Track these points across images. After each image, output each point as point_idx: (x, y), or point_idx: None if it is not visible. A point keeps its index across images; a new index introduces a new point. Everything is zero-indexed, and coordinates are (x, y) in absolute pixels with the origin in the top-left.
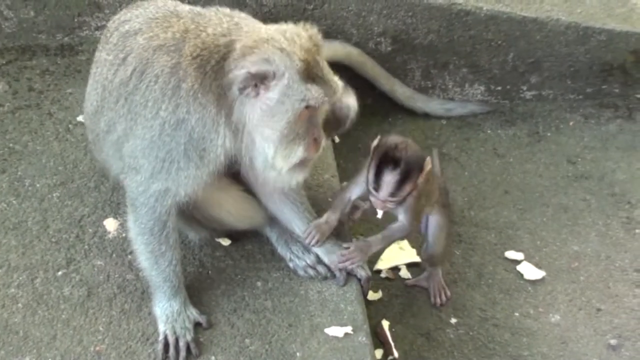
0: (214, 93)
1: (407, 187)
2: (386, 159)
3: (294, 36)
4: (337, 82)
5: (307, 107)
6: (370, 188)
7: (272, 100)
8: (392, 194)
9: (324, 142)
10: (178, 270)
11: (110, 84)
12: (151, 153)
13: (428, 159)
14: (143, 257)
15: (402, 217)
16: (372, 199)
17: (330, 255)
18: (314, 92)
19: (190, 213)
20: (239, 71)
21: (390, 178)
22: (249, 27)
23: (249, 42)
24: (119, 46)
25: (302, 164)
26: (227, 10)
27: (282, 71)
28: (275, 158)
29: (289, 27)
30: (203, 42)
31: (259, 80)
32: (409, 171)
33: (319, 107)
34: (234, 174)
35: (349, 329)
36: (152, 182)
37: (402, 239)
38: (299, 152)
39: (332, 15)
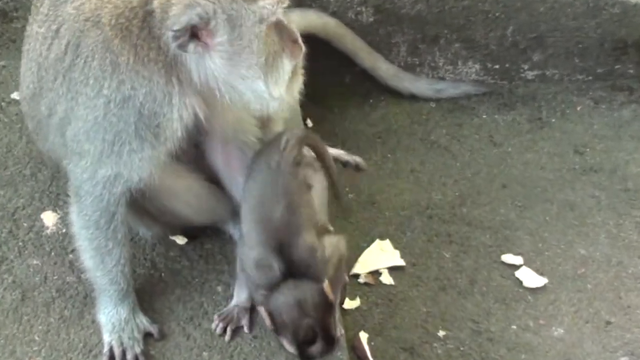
0: (156, 62)
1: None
2: (302, 342)
3: None
4: None
5: (267, 24)
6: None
7: (226, 42)
8: (327, 353)
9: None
10: (127, 271)
11: (46, 60)
12: (96, 136)
13: (324, 285)
14: (87, 255)
15: None
16: None
17: None
18: (265, 4)
19: (141, 205)
20: (168, 32)
21: (317, 349)
22: None
23: None
24: (50, 17)
25: (294, 72)
26: None
27: (213, 9)
28: (269, 88)
29: None
30: (116, 7)
31: (196, 31)
32: (328, 327)
33: (278, 15)
34: (195, 160)
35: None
36: (98, 167)
37: None
38: (286, 66)
39: None
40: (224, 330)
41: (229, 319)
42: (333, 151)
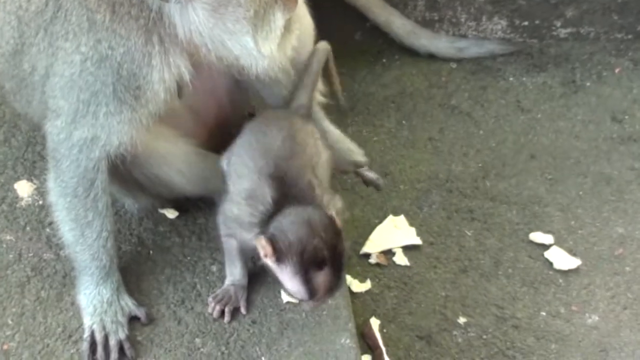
0: (136, 20)
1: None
2: (309, 265)
3: None
4: None
5: None
6: (300, 298)
7: None
8: (332, 290)
9: None
10: (109, 246)
11: (26, 13)
12: (71, 93)
13: (333, 213)
14: (65, 228)
15: None
16: (303, 305)
17: None
18: None
19: (127, 173)
20: None
21: (323, 279)
22: None
23: None
24: None
25: (287, 27)
26: None
27: None
28: (259, 45)
29: None
30: None
31: None
32: (340, 252)
33: None
34: (188, 124)
35: (328, 328)
36: (74, 128)
37: None
38: (279, 21)
39: None
40: (222, 313)
41: (225, 300)
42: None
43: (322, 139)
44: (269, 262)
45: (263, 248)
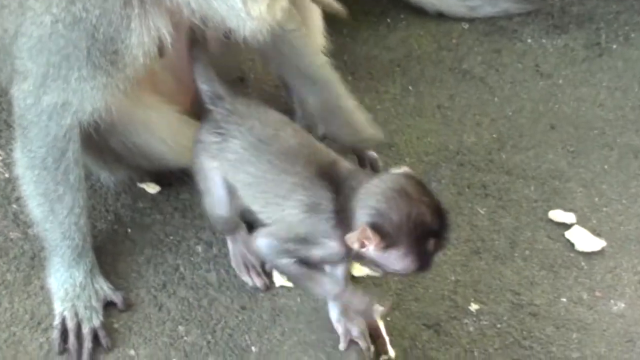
0: None
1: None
2: (423, 238)
3: None
4: None
5: None
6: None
7: None
8: (444, 247)
9: None
10: (82, 223)
11: None
12: (40, 55)
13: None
14: (33, 203)
15: None
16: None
17: None
18: None
19: (103, 142)
20: None
21: (434, 242)
22: None
23: None
24: None
25: None
26: None
27: None
28: (247, 6)
29: None
30: None
31: None
32: (439, 203)
33: None
34: (172, 89)
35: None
36: (43, 92)
37: None
38: None
39: None
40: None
41: (249, 266)
42: None
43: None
44: (371, 252)
45: (367, 239)
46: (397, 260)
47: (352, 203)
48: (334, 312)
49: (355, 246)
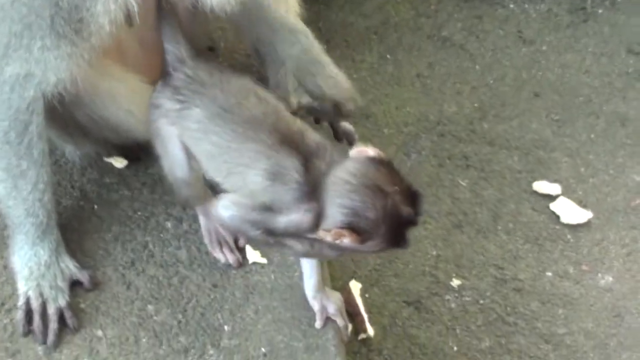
0: None
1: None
2: (399, 227)
3: None
4: None
5: None
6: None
7: None
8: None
9: None
10: (47, 200)
11: None
12: (2, 24)
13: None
14: None
15: None
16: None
17: None
18: None
19: (67, 115)
20: None
21: (408, 223)
22: None
23: None
24: None
25: None
26: None
27: None
28: None
29: None
30: None
31: None
32: (410, 185)
33: None
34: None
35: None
36: (5, 63)
37: None
38: None
39: None
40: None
41: (222, 242)
42: None
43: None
44: (347, 245)
45: (345, 238)
46: (373, 247)
47: (321, 189)
48: (309, 289)
49: (329, 239)
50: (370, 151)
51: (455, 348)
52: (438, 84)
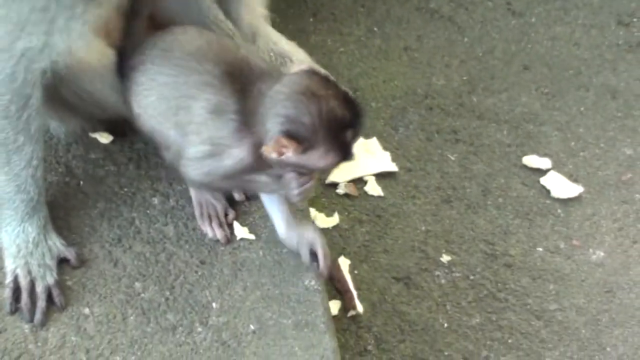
0: None
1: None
2: (338, 130)
3: None
4: None
5: None
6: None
7: None
8: (360, 131)
9: None
10: (39, 176)
11: None
12: (21, 4)
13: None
14: None
15: None
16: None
17: None
18: None
19: (53, 90)
20: None
21: (351, 130)
22: None
23: None
24: None
25: None
26: None
27: None
28: None
29: None
30: None
31: None
32: (345, 91)
33: None
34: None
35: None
36: (15, 38)
37: None
38: None
39: None
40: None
41: (211, 215)
42: None
43: None
44: (292, 157)
45: (284, 147)
46: (319, 159)
47: (260, 109)
48: (281, 229)
49: (274, 155)
50: (305, 66)
51: (445, 324)
52: (426, 57)
